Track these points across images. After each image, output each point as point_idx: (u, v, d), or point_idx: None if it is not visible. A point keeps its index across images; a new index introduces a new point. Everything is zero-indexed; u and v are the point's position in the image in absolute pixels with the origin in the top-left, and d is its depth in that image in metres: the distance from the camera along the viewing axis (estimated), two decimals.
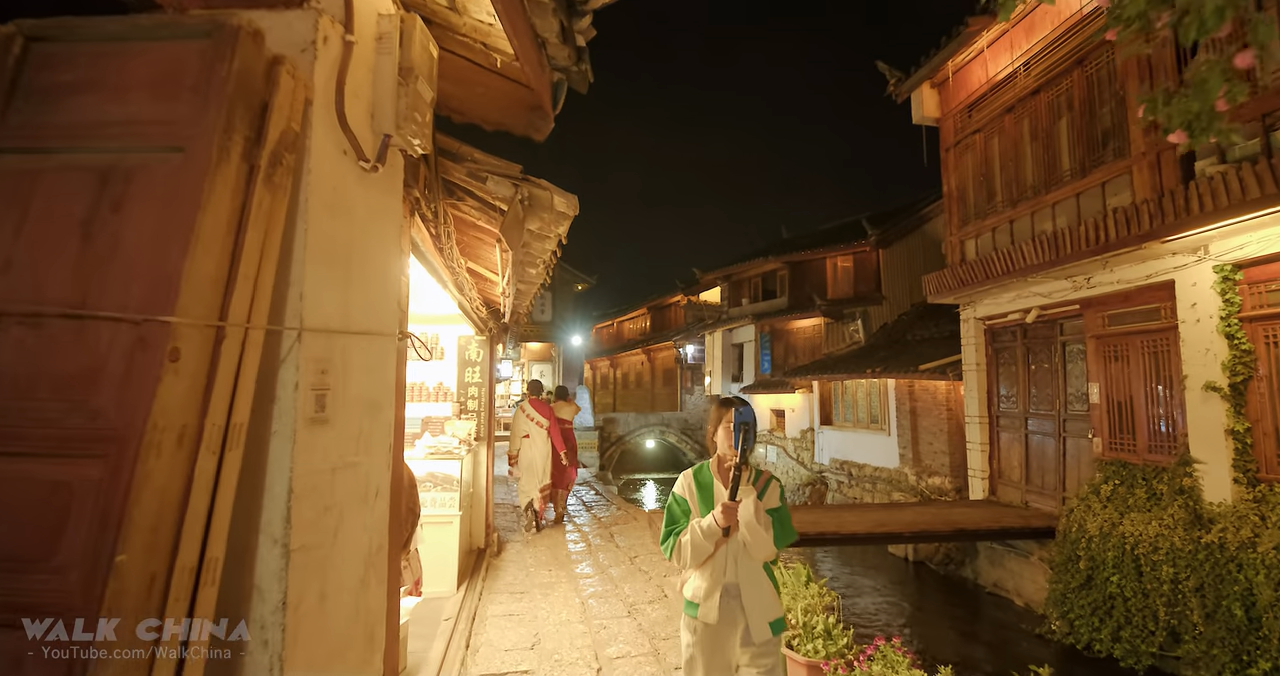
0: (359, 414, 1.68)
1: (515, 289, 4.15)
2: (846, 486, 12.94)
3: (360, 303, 1.70)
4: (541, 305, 23.32)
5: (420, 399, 6.19)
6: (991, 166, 7.91)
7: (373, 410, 1.76)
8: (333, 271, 1.56)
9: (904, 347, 12.93)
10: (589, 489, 11.16)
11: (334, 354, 1.55)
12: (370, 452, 1.73)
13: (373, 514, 1.75)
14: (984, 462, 8.37)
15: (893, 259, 15.81)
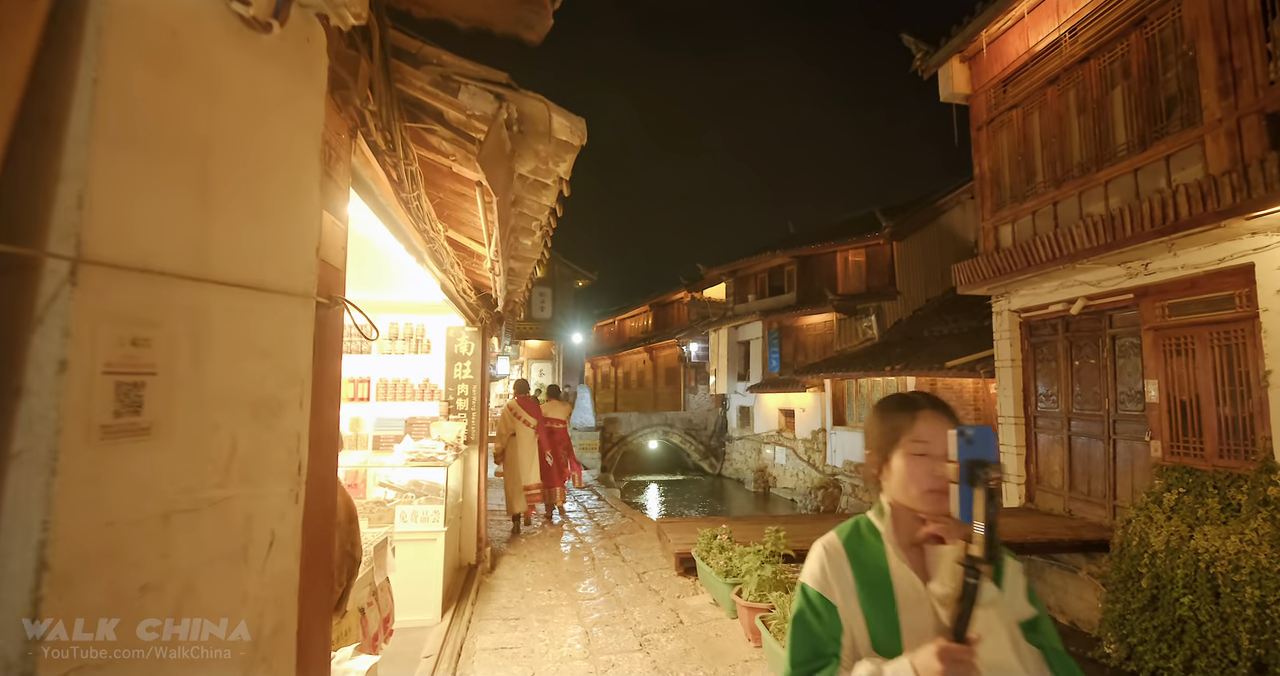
0: (231, 419, 1.03)
1: (507, 266, 3.51)
2: (862, 490, 12.29)
3: (234, 238, 1.05)
4: (541, 302, 22.69)
5: (403, 397, 5.54)
6: (1031, 144, 7.26)
7: (262, 414, 1.11)
8: (167, 172, 0.91)
9: (922, 344, 12.28)
10: (590, 493, 10.52)
11: (170, 316, 0.90)
12: (255, 481, 1.08)
13: (262, 576, 1.10)
14: (1020, 467, 7.72)
15: (907, 252, 15.16)
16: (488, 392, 5.77)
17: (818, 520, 7.38)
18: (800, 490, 14.70)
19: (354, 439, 5.45)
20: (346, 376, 5.46)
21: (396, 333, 5.60)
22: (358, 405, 5.48)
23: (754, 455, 17.64)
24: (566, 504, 9.38)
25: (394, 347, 5.55)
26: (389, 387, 5.53)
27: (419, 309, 5.53)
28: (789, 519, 7.56)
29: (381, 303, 5.48)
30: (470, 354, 5.53)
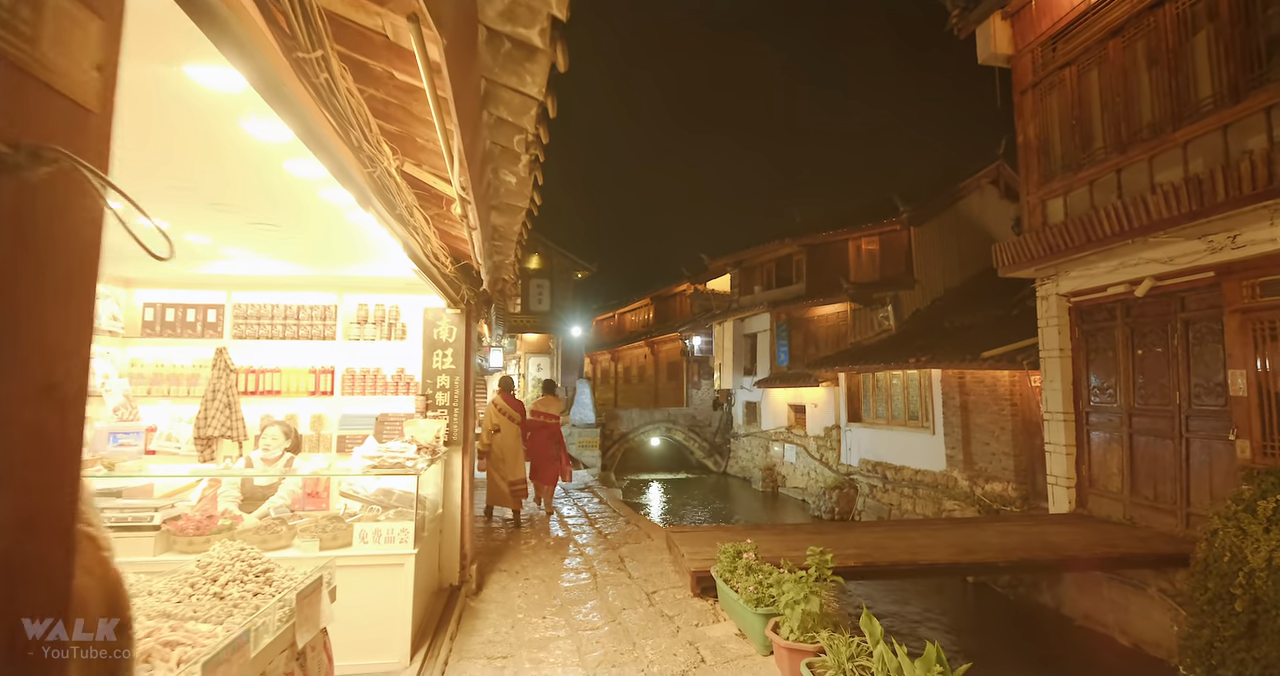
0: None
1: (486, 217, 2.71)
2: (880, 491, 11.52)
3: None
4: (539, 294, 21.88)
5: (374, 390, 4.73)
6: (1088, 105, 6.45)
7: None
8: None
9: (945, 335, 11.49)
10: (590, 496, 9.73)
11: None
12: None
13: None
14: (1069, 468, 6.94)
15: (925, 238, 14.35)
16: (473, 386, 4.97)
17: (844, 529, 6.60)
18: (812, 490, 13.93)
19: (315, 440, 4.64)
20: (306, 366, 4.66)
21: (366, 315, 4.79)
22: (320, 400, 4.68)
23: (761, 453, 16.86)
24: (567, 508, 8.61)
25: (362, 333, 4.74)
26: (357, 379, 4.73)
27: (391, 286, 4.72)
28: (815, 527, 6.78)
29: (348, 279, 4.66)
30: (452, 340, 4.72)
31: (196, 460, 4.30)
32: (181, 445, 4.36)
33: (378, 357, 4.81)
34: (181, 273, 4.42)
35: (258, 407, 4.59)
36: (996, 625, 7.04)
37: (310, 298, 4.73)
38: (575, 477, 12.10)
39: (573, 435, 16.46)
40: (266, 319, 4.61)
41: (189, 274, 4.43)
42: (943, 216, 14.79)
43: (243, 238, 3.78)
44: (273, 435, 4.06)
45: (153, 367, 4.45)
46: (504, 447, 7.20)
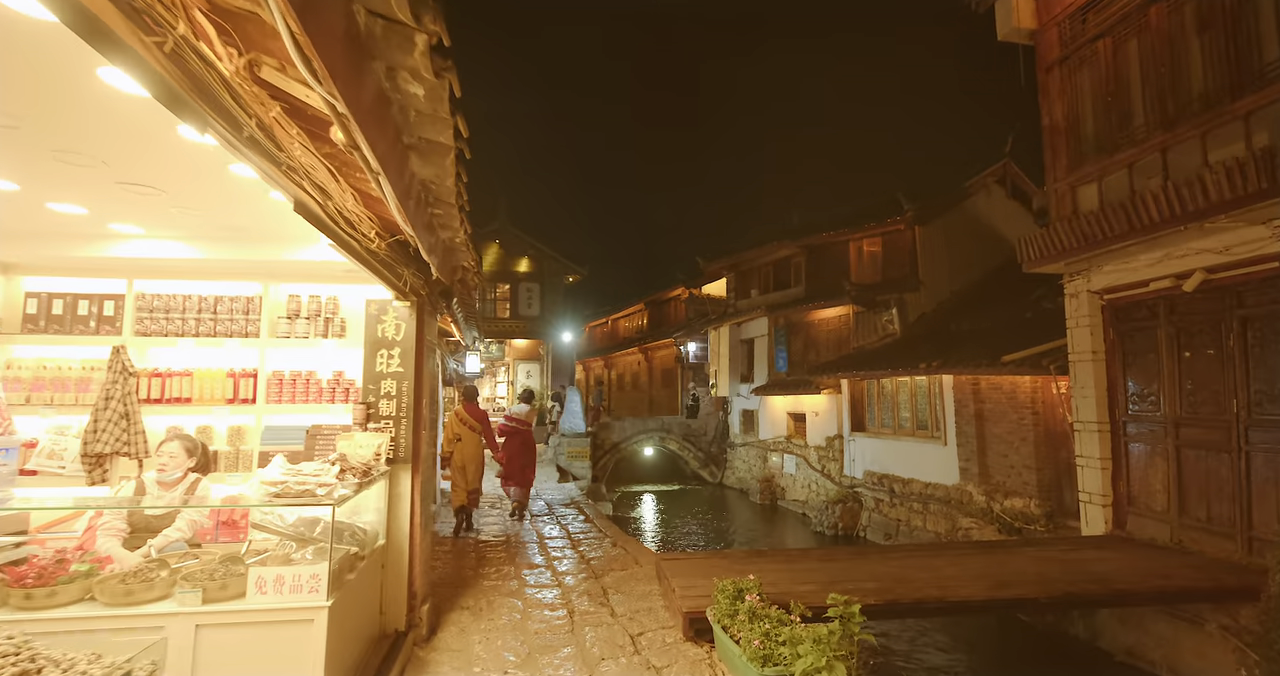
0: None
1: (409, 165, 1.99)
2: (887, 505, 10.78)
3: None
4: (529, 298, 21.17)
5: (305, 397, 3.99)
6: (1125, 80, 5.80)
7: None
8: None
9: (954, 340, 10.81)
10: (576, 513, 8.96)
11: None
12: None
13: None
14: (1105, 484, 6.23)
15: (931, 239, 13.71)
16: (432, 392, 4.22)
17: (858, 556, 5.85)
18: (813, 503, 13.17)
19: (234, 457, 3.89)
20: (224, 368, 3.91)
21: (298, 308, 4.05)
22: (240, 410, 3.93)
23: (759, 463, 16.11)
24: (549, 528, 7.85)
25: (293, 329, 4.00)
26: (286, 385, 3.98)
27: (328, 273, 3.99)
28: (824, 554, 6.00)
29: (276, 265, 3.92)
30: (400, 338, 3.98)
31: (84, 482, 3.55)
32: (67, 464, 3.61)
33: (312, 359, 4.07)
34: (72, 256, 3.67)
35: (164, 419, 3.84)
36: (1024, 659, 6.29)
37: (230, 287, 3.99)
38: (562, 491, 11.33)
39: (562, 445, 15.70)
40: (176, 313, 3.86)
41: (81, 257, 3.68)
42: (948, 216, 14.16)
43: (125, 208, 3.05)
44: (171, 451, 3.32)
45: (34, 370, 3.69)
46: (464, 456, 7.47)
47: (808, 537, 11.75)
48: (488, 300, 21.15)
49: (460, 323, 5.95)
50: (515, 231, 20.96)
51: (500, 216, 20.90)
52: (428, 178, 2.32)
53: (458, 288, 4.40)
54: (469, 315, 6.07)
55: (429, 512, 4.46)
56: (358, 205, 2.60)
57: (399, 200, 2.11)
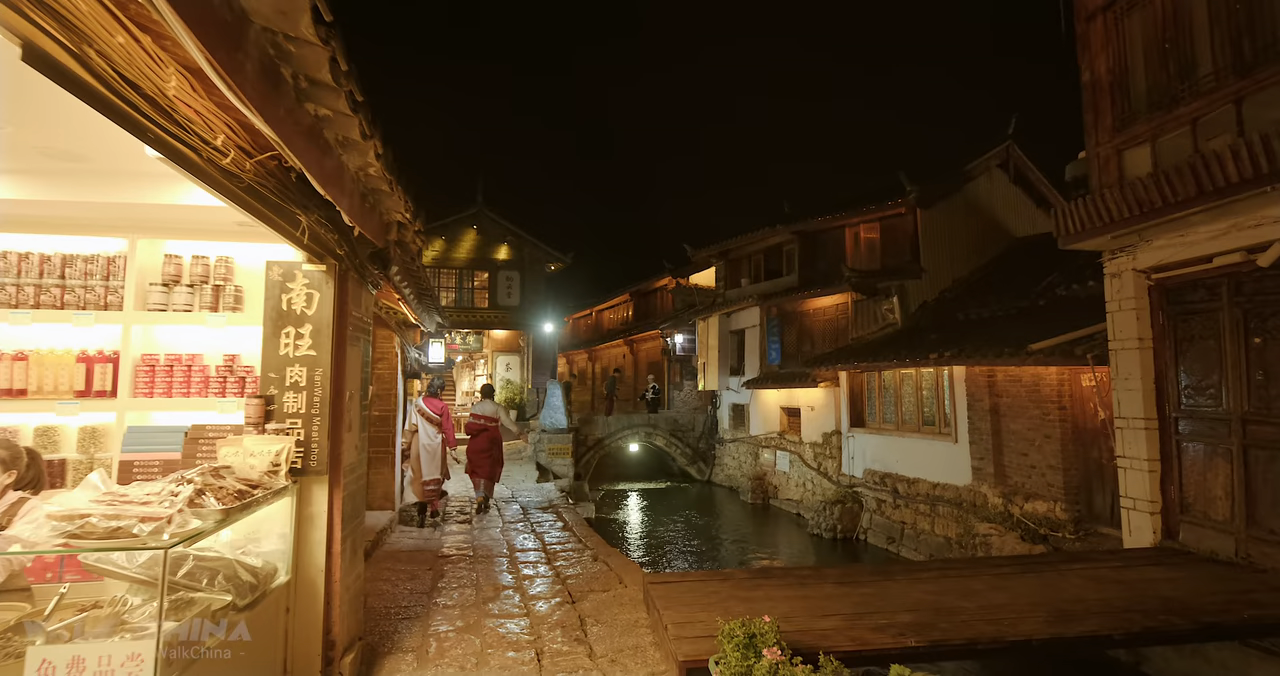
0: None
1: None
2: (890, 506, 10.04)
3: None
4: (508, 287, 20.17)
5: (186, 389, 3.06)
6: (1189, 22, 5.01)
7: None
8: None
9: (962, 329, 10.07)
10: (554, 519, 8.07)
11: None
12: None
13: None
14: (1152, 489, 5.48)
15: (933, 223, 12.97)
16: (352, 382, 3.31)
17: (884, 578, 4.99)
18: (809, 503, 12.42)
19: (86, 466, 2.95)
20: (73, 350, 2.96)
21: (178, 271, 3.12)
22: (95, 405, 2.98)
23: (750, 460, 15.34)
24: (522, 538, 6.98)
25: (171, 300, 3.07)
26: (160, 373, 3.05)
27: (217, 227, 3.05)
28: (843, 574, 5.05)
29: (147, 210, 2.97)
30: (312, 312, 3.05)
31: None
32: None
33: (196, 339, 3.14)
34: None
35: None
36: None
37: (84, 244, 3.03)
38: (540, 493, 10.45)
39: (542, 441, 14.80)
40: (9, 277, 2.91)
41: None
42: (951, 200, 13.44)
43: None
44: None
45: None
46: (418, 449, 7.36)
47: (804, 541, 10.99)
48: (465, 289, 20.13)
49: (410, 300, 5.01)
50: (493, 216, 19.92)
51: (477, 200, 19.84)
52: (305, 60, 1.42)
53: (395, 251, 3.48)
54: (421, 291, 5.13)
55: (358, 535, 3.54)
56: (199, 98, 1.68)
57: (240, 86, 1.20)
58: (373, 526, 6.48)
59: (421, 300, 5.47)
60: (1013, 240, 14.56)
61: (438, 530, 7.23)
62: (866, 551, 10.20)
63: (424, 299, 5.51)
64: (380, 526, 6.58)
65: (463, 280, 20.13)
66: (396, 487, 7.39)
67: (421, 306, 5.77)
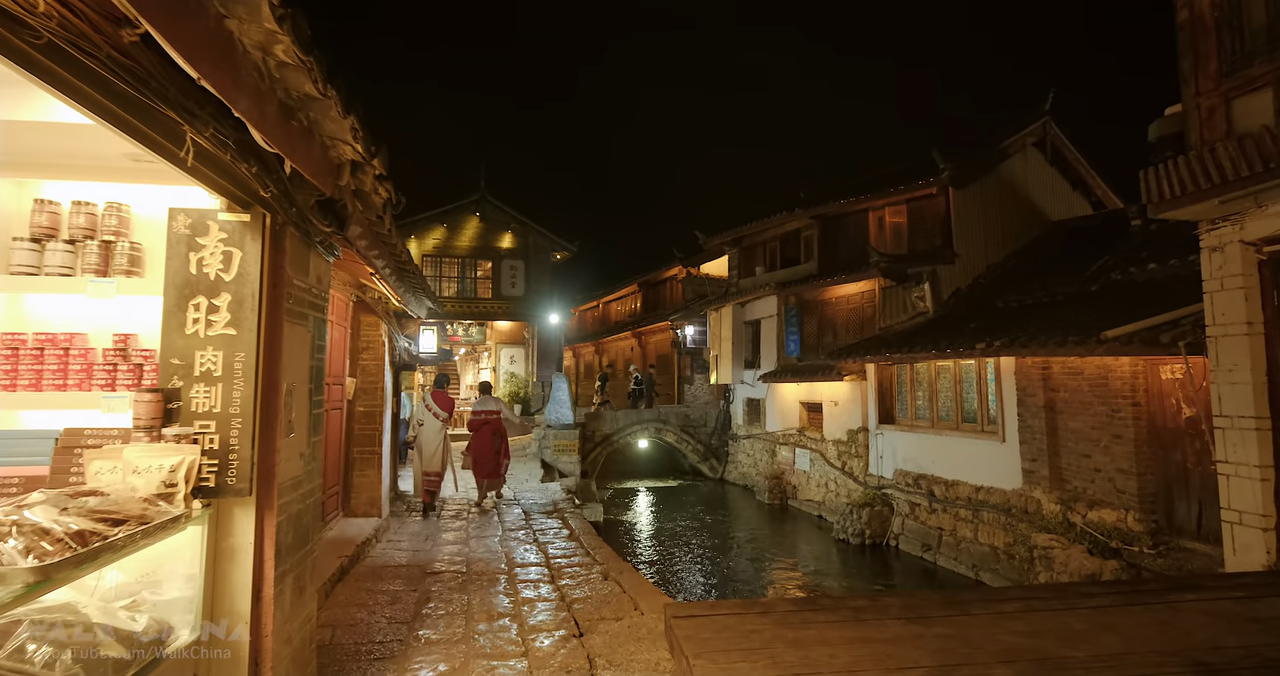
0: None
1: None
2: (926, 511, 9.23)
3: None
4: (512, 277, 19.39)
5: (59, 380, 2.29)
6: None
7: None
8: None
9: (1005, 317, 9.22)
10: (559, 525, 7.30)
11: None
12: None
13: None
14: (1265, 501, 4.63)
15: (967, 204, 12.07)
16: (297, 372, 2.53)
17: (956, 610, 4.16)
18: (832, 505, 11.62)
19: None
20: None
21: (53, 224, 2.33)
22: None
23: (766, 458, 14.55)
24: (523, 549, 6.22)
25: (43, 261, 2.28)
26: (26, 359, 2.27)
27: (101, 161, 2.25)
28: (907, 605, 4.13)
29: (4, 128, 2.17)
30: (231, 277, 2.26)
31: None
32: None
33: (77, 313, 2.36)
34: None
35: None
36: None
37: None
38: (545, 494, 9.70)
39: (547, 438, 14.04)
40: None
41: None
42: (984, 181, 12.53)
43: None
44: None
45: None
46: (423, 441, 7.62)
47: (829, 547, 10.20)
48: (467, 278, 19.38)
49: (386, 276, 4.22)
50: (496, 203, 19.13)
51: (480, 186, 19.05)
52: None
53: (352, 203, 2.68)
54: (400, 265, 4.32)
55: (305, 568, 2.76)
56: None
57: None
58: (353, 538, 5.74)
59: (402, 278, 4.68)
60: (1048, 224, 13.66)
61: (429, 540, 6.50)
62: (898, 559, 9.40)
63: (405, 276, 4.71)
64: (363, 537, 5.84)
65: (465, 270, 19.38)
66: (384, 491, 6.64)
67: (404, 286, 4.98)
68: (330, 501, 6.00)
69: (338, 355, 6.09)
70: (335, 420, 6.13)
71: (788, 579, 8.75)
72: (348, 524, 6.21)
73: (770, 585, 8.57)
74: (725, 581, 8.55)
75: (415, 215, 18.58)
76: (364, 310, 6.60)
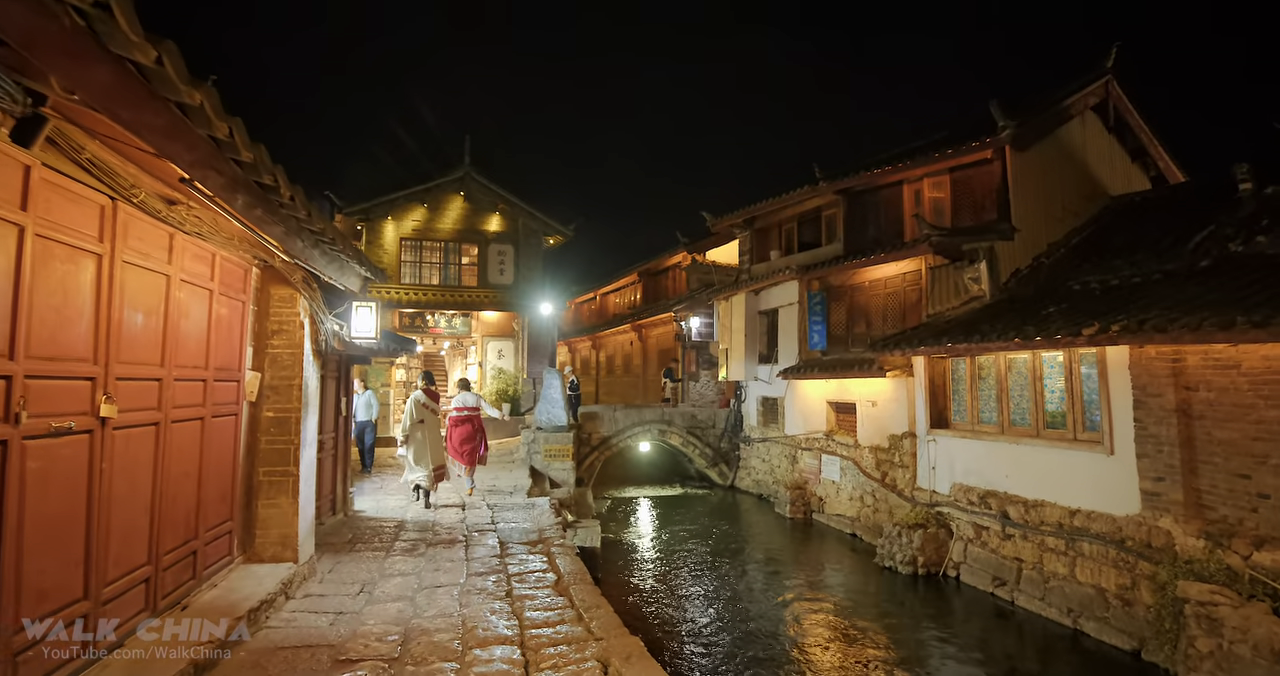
0: None
1: None
2: (996, 536, 7.51)
3: None
4: (500, 262, 17.60)
5: None
6: None
7: None
8: None
9: (1094, 300, 7.52)
10: (542, 567, 5.53)
11: None
12: None
13: None
14: None
15: (1026, 171, 10.34)
16: None
17: None
18: (870, 523, 9.91)
19: None
20: None
21: None
22: None
23: (785, 465, 12.83)
24: (490, 611, 4.47)
25: None
26: None
27: None
28: None
29: None
30: None
31: None
32: None
33: None
34: None
35: None
36: None
37: None
38: (529, 516, 7.95)
39: (537, 441, 12.26)
40: None
41: None
42: (1043, 146, 10.80)
43: None
44: None
45: None
46: (428, 437, 7.79)
47: (871, 575, 8.49)
48: (451, 265, 17.58)
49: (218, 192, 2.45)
50: (482, 180, 17.32)
51: (464, 162, 17.24)
52: None
53: None
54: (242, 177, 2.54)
55: None
56: None
57: None
58: (243, 599, 3.98)
59: (265, 203, 2.89)
60: (1107, 199, 11.96)
61: (364, 593, 4.75)
62: (960, 594, 7.69)
63: (269, 203, 2.92)
64: (259, 597, 4.07)
65: (449, 255, 17.58)
66: (303, 526, 4.88)
67: (273, 218, 3.18)
68: (214, 546, 4.23)
69: (226, 339, 4.32)
70: (224, 430, 4.37)
71: (830, 624, 7.03)
72: (245, 574, 4.45)
73: (805, 640, 6.84)
74: (746, 639, 6.81)
75: (392, 194, 16.79)
76: (277, 281, 4.84)
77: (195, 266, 3.88)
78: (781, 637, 6.62)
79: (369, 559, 5.72)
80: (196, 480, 3.95)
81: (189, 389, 3.84)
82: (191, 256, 3.82)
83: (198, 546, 3.97)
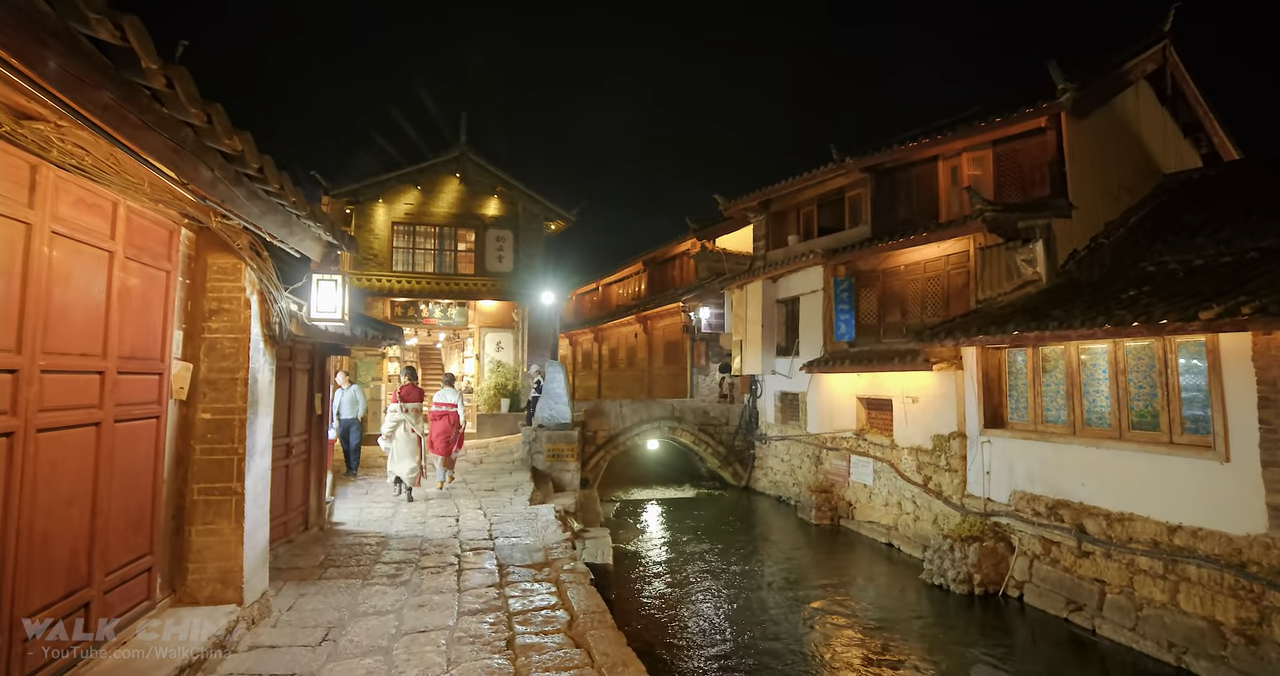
0: None
1: None
2: (1070, 553, 6.52)
3: None
4: (498, 249, 16.54)
5: None
6: None
7: None
8: None
9: (1178, 282, 6.53)
10: (550, 603, 4.53)
11: None
12: None
13: None
14: None
15: (1083, 142, 9.30)
16: None
17: None
18: (911, 532, 8.94)
19: None
20: None
21: None
22: None
23: (807, 465, 11.85)
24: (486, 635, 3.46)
25: None
26: None
27: None
28: None
29: None
30: None
31: None
32: None
33: None
34: None
35: None
36: None
37: None
38: (532, 529, 6.95)
39: (539, 440, 11.28)
40: None
41: None
42: (1099, 116, 9.76)
43: None
44: None
45: None
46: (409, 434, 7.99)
47: (912, 592, 7.51)
48: (446, 251, 16.52)
49: None
50: (479, 161, 16.23)
51: (460, 141, 16.15)
52: None
53: None
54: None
55: None
56: None
57: None
58: (148, 669, 2.96)
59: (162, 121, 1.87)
60: (1161, 176, 10.95)
61: (329, 640, 3.75)
62: (1024, 618, 6.72)
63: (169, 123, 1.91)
64: (183, 658, 3.07)
65: (444, 241, 16.51)
66: (249, 557, 3.86)
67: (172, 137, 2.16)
68: (122, 591, 3.22)
69: (139, 319, 3.29)
70: (139, 438, 3.35)
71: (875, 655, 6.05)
72: (172, 622, 3.43)
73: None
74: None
75: (383, 174, 15.71)
76: (214, 248, 3.81)
77: (82, 217, 2.84)
78: (831, 654, 5.63)
79: (341, 589, 4.72)
80: (89, 507, 2.93)
81: (72, 384, 2.81)
82: (74, 203, 2.78)
83: (92, 596, 2.95)
